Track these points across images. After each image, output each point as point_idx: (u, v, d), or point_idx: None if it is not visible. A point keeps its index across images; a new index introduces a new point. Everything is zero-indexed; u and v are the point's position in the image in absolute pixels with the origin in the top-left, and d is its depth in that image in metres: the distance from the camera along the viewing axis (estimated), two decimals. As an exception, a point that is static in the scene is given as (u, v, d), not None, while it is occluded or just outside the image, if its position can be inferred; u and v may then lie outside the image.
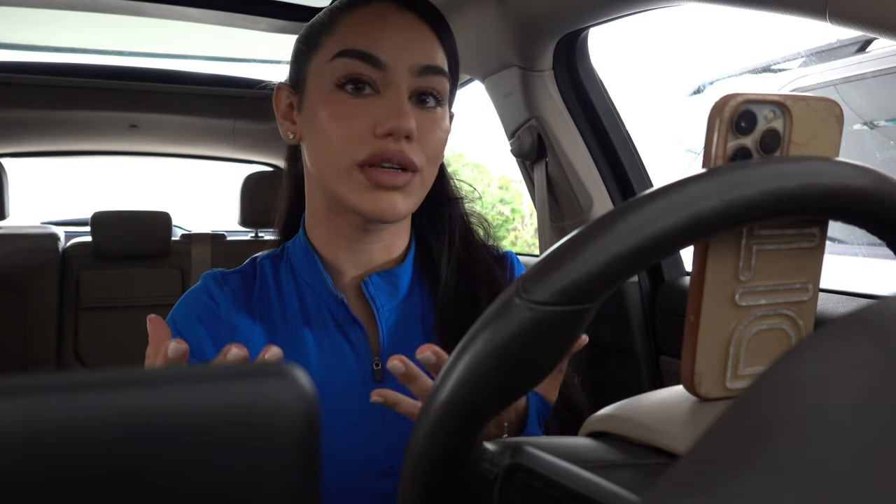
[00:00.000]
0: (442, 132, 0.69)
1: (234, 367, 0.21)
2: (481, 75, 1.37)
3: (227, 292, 0.71)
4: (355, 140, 0.64)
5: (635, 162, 1.26)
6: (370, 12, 0.67)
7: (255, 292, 0.72)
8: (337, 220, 0.70)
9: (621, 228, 0.31)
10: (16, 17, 1.64)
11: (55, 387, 0.19)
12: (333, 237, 0.71)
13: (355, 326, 0.69)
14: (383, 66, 0.64)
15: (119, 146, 2.54)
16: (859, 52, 2.43)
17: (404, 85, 0.65)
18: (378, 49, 0.64)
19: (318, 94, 0.67)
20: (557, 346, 0.33)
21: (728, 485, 0.19)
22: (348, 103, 0.64)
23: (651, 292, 1.20)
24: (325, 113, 0.65)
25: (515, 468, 0.36)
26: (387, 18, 0.66)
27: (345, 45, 0.65)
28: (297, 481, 0.21)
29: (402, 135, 0.63)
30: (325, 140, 0.65)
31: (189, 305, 0.70)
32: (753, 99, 0.35)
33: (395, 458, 0.66)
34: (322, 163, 0.67)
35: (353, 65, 0.64)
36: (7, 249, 2.17)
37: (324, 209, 0.71)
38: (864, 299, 0.90)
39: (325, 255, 0.72)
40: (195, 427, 0.20)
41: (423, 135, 0.66)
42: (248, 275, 0.74)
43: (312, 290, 0.71)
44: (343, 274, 0.72)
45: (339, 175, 0.65)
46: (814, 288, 0.40)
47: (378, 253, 0.72)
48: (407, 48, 0.65)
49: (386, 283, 0.71)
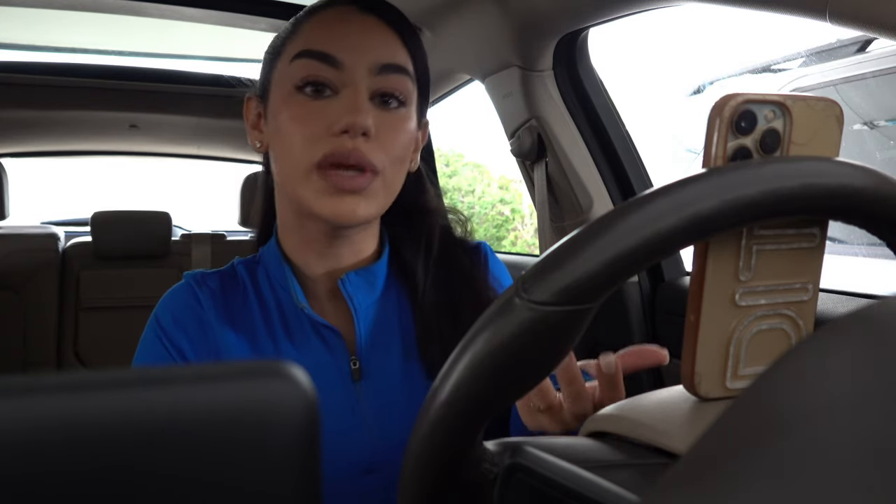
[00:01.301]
0: (406, 134, 0.67)
1: (234, 366, 0.21)
2: (481, 75, 1.37)
3: (207, 293, 0.71)
4: (313, 140, 0.63)
5: (635, 162, 1.26)
6: (331, 14, 0.67)
7: (233, 295, 0.72)
8: (306, 227, 0.69)
9: (621, 228, 0.31)
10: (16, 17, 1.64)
11: (55, 387, 0.19)
12: (303, 243, 0.71)
13: (329, 330, 0.69)
14: (341, 66, 0.64)
15: (119, 146, 2.54)
16: (859, 52, 2.44)
17: (363, 84, 0.64)
18: (336, 49, 0.64)
19: (279, 99, 0.66)
20: (557, 345, 0.33)
21: (728, 485, 0.19)
22: (307, 105, 0.64)
23: (651, 292, 1.20)
24: (285, 116, 0.65)
25: (515, 468, 0.36)
26: (347, 19, 0.66)
27: (303, 46, 0.65)
28: (297, 480, 0.21)
29: (357, 131, 0.62)
30: (287, 144, 0.65)
31: (172, 305, 0.70)
32: (753, 99, 0.35)
33: (376, 455, 0.67)
34: (285, 168, 0.66)
35: (311, 65, 0.64)
36: (7, 249, 2.17)
37: (292, 216, 0.70)
38: (864, 299, 0.90)
39: (296, 262, 0.72)
40: (195, 426, 0.20)
41: (384, 135, 0.65)
42: (228, 276, 0.74)
43: (287, 295, 0.71)
44: (314, 279, 0.72)
45: (300, 179, 0.64)
46: (814, 288, 0.40)
47: (347, 257, 0.72)
48: (365, 47, 0.65)
49: (363, 279, 0.71)
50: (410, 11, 1.31)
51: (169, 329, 0.69)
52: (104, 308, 2.24)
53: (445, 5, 1.24)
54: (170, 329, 0.69)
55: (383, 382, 0.70)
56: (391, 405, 0.69)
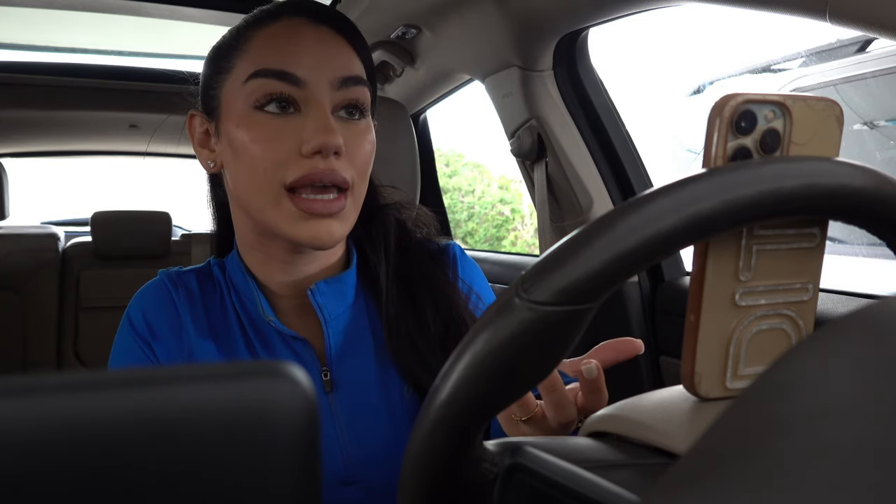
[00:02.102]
0: (369, 144, 0.66)
1: (234, 366, 0.21)
2: (481, 75, 1.37)
3: (183, 293, 0.70)
4: (282, 162, 0.61)
5: (635, 162, 1.26)
6: (282, 28, 0.65)
7: (210, 298, 0.71)
8: (268, 245, 0.68)
9: (621, 228, 0.31)
10: (16, 17, 1.64)
11: (55, 387, 0.19)
12: (265, 260, 0.69)
13: (298, 342, 0.68)
14: (302, 84, 0.62)
15: (119, 146, 2.55)
16: (859, 52, 2.44)
17: (326, 100, 0.62)
18: (295, 66, 0.62)
19: (235, 118, 0.64)
20: (557, 346, 0.33)
21: (728, 484, 0.19)
22: (269, 124, 0.62)
23: (651, 292, 1.21)
24: (245, 137, 0.62)
25: (515, 468, 0.36)
26: (300, 33, 0.64)
27: (259, 64, 0.63)
28: (296, 481, 0.21)
29: (330, 151, 0.61)
30: (250, 165, 0.63)
31: (144, 305, 0.69)
32: (753, 99, 0.35)
33: (352, 466, 0.66)
34: (248, 190, 0.64)
35: (270, 84, 0.62)
36: (7, 249, 2.17)
37: (253, 235, 0.69)
38: (864, 299, 0.90)
39: (261, 277, 0.70)
40: (195, 426, 0.20)
41: (351, 149, 0.64)
42: (205, 275, 0.73)
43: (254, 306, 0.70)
44: (280, 294, 0.70)
45: (268, 202, 0.62)
46: (814, 288, 0.40)
47: (313, 268, 0.70)
48: (324, 62, 0.63)
49: (332, 289, 0.70)
50: (410, 11, 1.31)
51: (141, 330, 0.68)
52: (104, 308, 2.24)
53: (445, 5, 1.24)
54: (141, 330, 0.68)
55: (357, 391, 0.68)
56: (366, 414, 0.68)
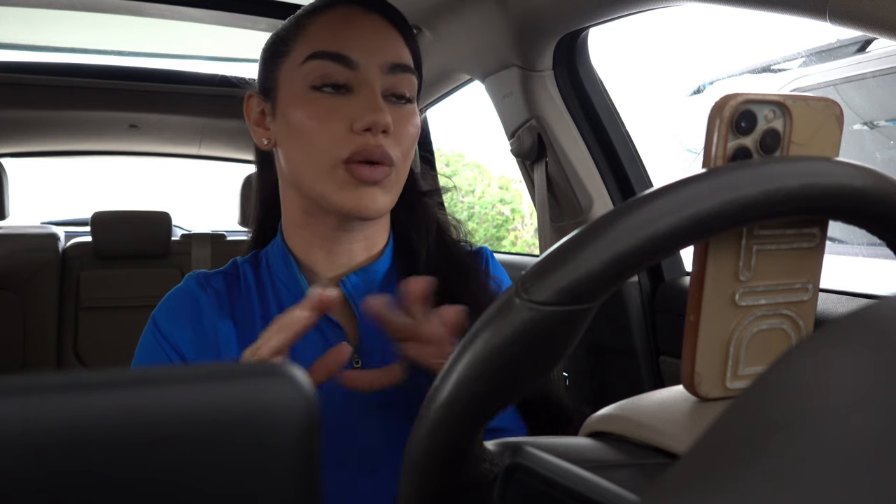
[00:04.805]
0: (414, 127, 0.71)
1: (234, 366, 0.21)
2: (481, 75, 1.37)
3: (211, 293, 0.71)
4: (336, 138, 0.66)
5: (635, 162, 1.26)
6: (337, 15, 0.70)
7: (237, 295, 0.72)
8: (314, 223, 0.71)
9: (621, 228, 0.31)
10: (16, 17, 1.64)
11: (55, 387, 0.19)
12: (311, 240, 0.72)
13: (333, 327, 0.70)
14: (355, 66, 0.66)
15: (119, 146, 2.54)
16: (859, 52, 2.44)
17: (377, 82, 0.67)
18: (349, 49, 0.67)
19: (292, 98, 0.68)
20: (557, 345, 0.33)
21: (728, 485, 0.19)
22: (325, 103, 0.66)
23: (651, 292, 1.20)
24: (302, 114, 0.67)
25: (515, 468, 0.36)
26: (354, 20, 0.69)
27: (315, 47, 0.67)
28: (297, 481, 0.21)
29: (379, 129, 0.65)
30: (306, 141, 0.67)
31: (172, 307, 0.71)
32: (753, 99, 0.36)
33: (384, 452, 0.67)
34: (303, 164, 0.68)
35: (326, 66, 0.66)
36: (7, 249, 2.17)
37: (300, 213, 0.72)
38: (864, 299, 0.90)
39: (303, 259, 0.73)
40: (195, 426, 0.20)
41: (398, 129, 0.68)
42: (232, 276, 0.75)
43: (290, 294, 0.72)
44: (320, 276, 0.73)
45: (322, 174, 0.66)
46: (814, 288, 0.40)
47: (358, 252, 0.73)
48: (376, 47, 0.68)
49: (363, 280, 0.73)
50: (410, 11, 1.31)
51: (166, 329, 0.69)
52: (104, 308, 2.24)
53: (445, 5, 1.24)
54: (167, 329, 0.69)
55: None
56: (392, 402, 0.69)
